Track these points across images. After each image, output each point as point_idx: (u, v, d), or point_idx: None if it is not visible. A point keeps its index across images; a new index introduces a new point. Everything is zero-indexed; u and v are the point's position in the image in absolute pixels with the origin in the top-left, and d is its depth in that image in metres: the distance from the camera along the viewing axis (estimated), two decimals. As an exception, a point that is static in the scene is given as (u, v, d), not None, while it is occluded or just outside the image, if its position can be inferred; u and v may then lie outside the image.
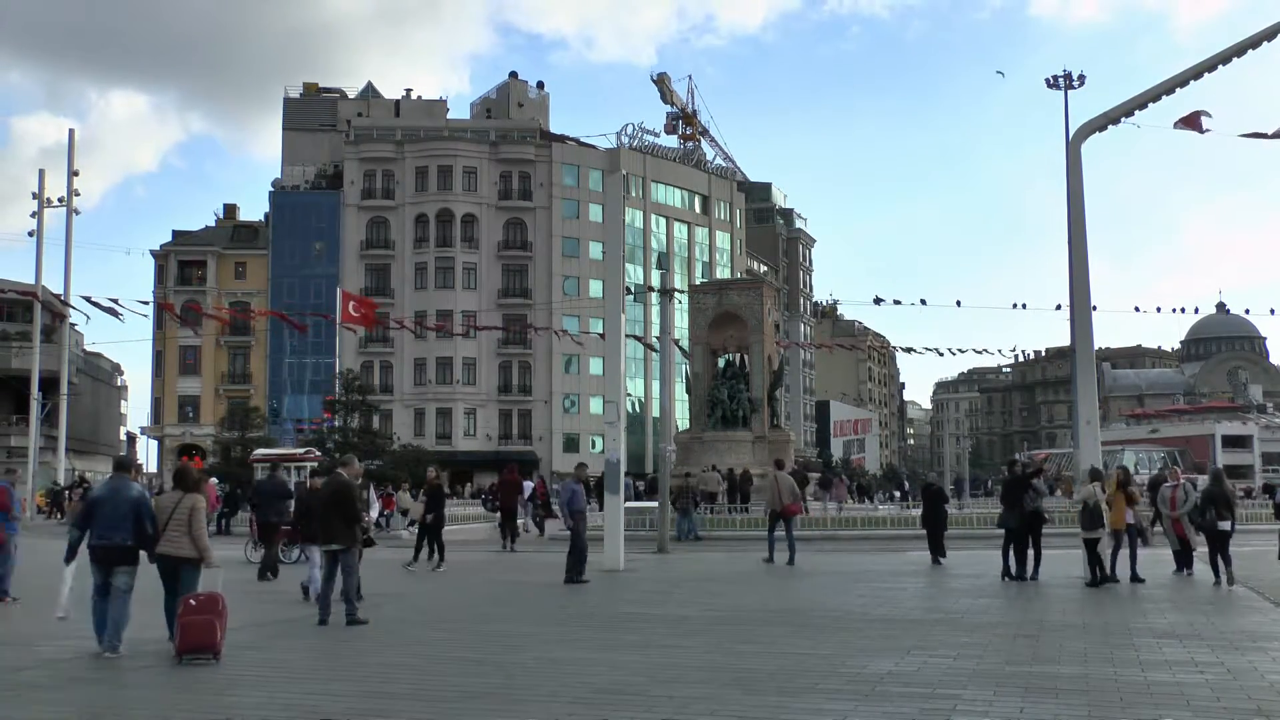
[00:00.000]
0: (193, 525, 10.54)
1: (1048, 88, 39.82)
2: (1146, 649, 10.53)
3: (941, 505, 22.35)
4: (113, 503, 10.55)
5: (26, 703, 8.37)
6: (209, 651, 9.89)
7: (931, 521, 21.46)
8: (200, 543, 10.53)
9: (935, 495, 22.53)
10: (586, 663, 10.04)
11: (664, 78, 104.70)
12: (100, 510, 10.58)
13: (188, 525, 10.52)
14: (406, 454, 64.92)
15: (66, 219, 51.91)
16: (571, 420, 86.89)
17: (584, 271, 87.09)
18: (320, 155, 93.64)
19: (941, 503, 22.54)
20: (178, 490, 10.96)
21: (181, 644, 9.90)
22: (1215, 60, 18.45)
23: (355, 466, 14.54)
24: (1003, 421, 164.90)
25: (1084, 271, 19.35)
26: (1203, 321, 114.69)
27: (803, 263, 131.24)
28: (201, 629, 9.86)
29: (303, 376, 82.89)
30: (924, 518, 22.12)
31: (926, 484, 26.63)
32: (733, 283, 55.05)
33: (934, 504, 21.93)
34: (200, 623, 9.86)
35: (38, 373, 52.47)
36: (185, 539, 10.51)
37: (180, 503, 10.62)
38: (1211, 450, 68.80)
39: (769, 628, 12.18)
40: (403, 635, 12.10)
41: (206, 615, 9.91)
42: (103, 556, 10.51)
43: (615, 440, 21.54)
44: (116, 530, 10.42)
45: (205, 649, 9.87)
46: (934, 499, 22.21)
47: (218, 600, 10.13)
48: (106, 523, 10.47)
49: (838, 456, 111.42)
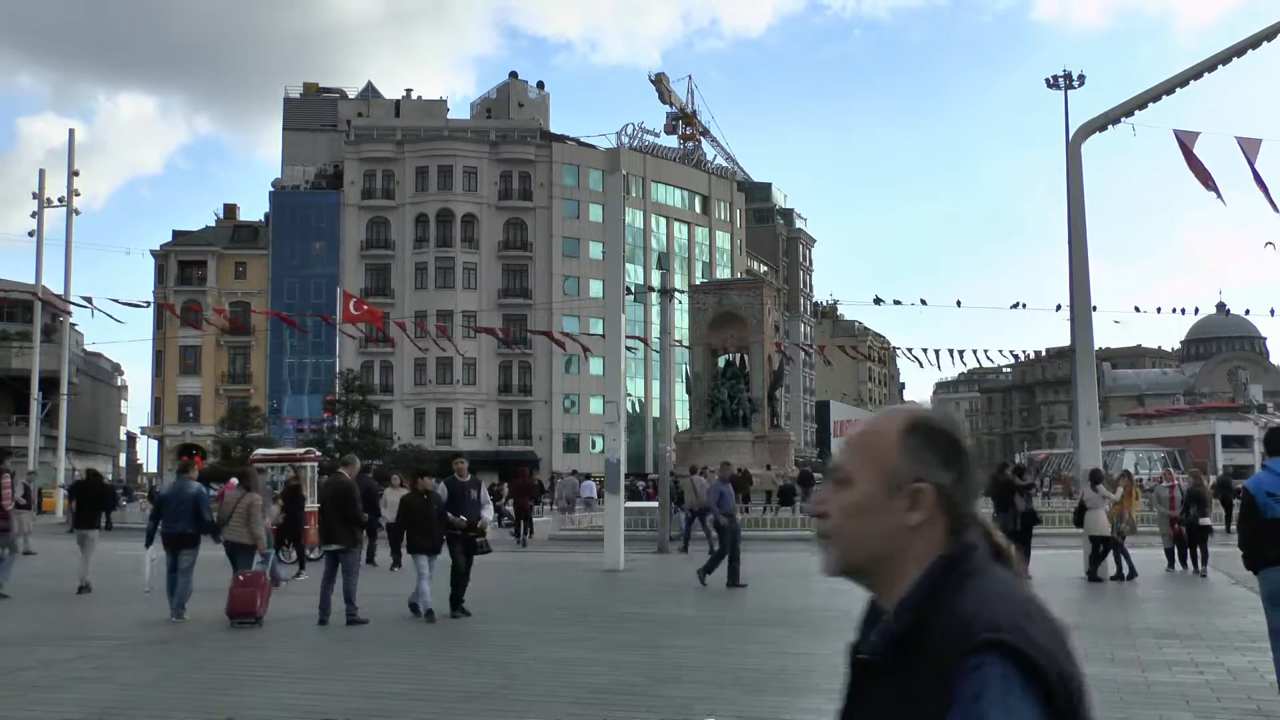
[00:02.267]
0: (250, 518, 13.17)
1: (1048, 88, 39.82)
2: (1146, 649, 10.54)
3: None
4: (177, 498, 13.32)
5: (26, 703, 8.37)
6: (251, 617, 12.42)
7: None
8: (255, 532, 13.25)
9: None
10: (586, 663, 10.04)
11: (662, 78, 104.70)
12: (167, 505, 13.58)
13: (246, 518, 13.12)
14: (406, 454, 64.90)
15: (66, 219, 51.96)
16: (571, 420, 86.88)
17: (584, 271, 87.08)
18: (320, 155, 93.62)
19: None
20: (241, 489, 13.59)
21: (230, 609, 12.42)
22: (1215, 60, 18.43)
23: (356, 466, 14.55)
24: (1003, 422, 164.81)
25: (1084, 272, 19.34)
26: (1203, 322, 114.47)
27: (803, 263, 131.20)
28: (247, 599, 12.45)
29: (303, 376, 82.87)
30: None
31: None
32: (733, 283, 55.07)
33: None
34: (246, 594, 12.47)
35: (38, 373, 52.44)
36: (244, 529, 13.20)
37: (241, 500, 13.25)
38: (1211, 450, 68.71)
39: (769, 628, 12.18)
40: (403, 635, 12.10)
41: (251, 589, 12.52)
42: (170, 542, 13.30)
43: (615, 440, 21.55)
44: (179, 520, 13.21)
45: (249, 615, 12.42)
46: None
47: (261, 577, 12.85)
48: (172, 515, 13.29)
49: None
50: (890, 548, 1.67)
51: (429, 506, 13.36)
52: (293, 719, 7.79)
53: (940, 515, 1.67)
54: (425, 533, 13.21)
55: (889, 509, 1.67)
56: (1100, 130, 19.04)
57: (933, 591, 1.62)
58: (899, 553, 1.67)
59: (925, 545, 1.66)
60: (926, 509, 1.66)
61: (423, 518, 13.22)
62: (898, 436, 1.70)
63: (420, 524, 13.21)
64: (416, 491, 13.74)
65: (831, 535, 1.71)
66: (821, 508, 1.74)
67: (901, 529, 1.67)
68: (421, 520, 13.22)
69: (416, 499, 13.57)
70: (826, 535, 1.72)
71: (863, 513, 1.69)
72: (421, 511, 13.30)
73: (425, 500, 13.44)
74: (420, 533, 13.22)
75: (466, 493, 13.96)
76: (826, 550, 1.73)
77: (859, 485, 1.70)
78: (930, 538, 1.67)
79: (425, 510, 13.29)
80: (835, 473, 1.74)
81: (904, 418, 1.74)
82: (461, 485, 13.98)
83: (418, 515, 13.28)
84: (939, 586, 1.62)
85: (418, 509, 13.38)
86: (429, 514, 13.27)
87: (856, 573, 1.72)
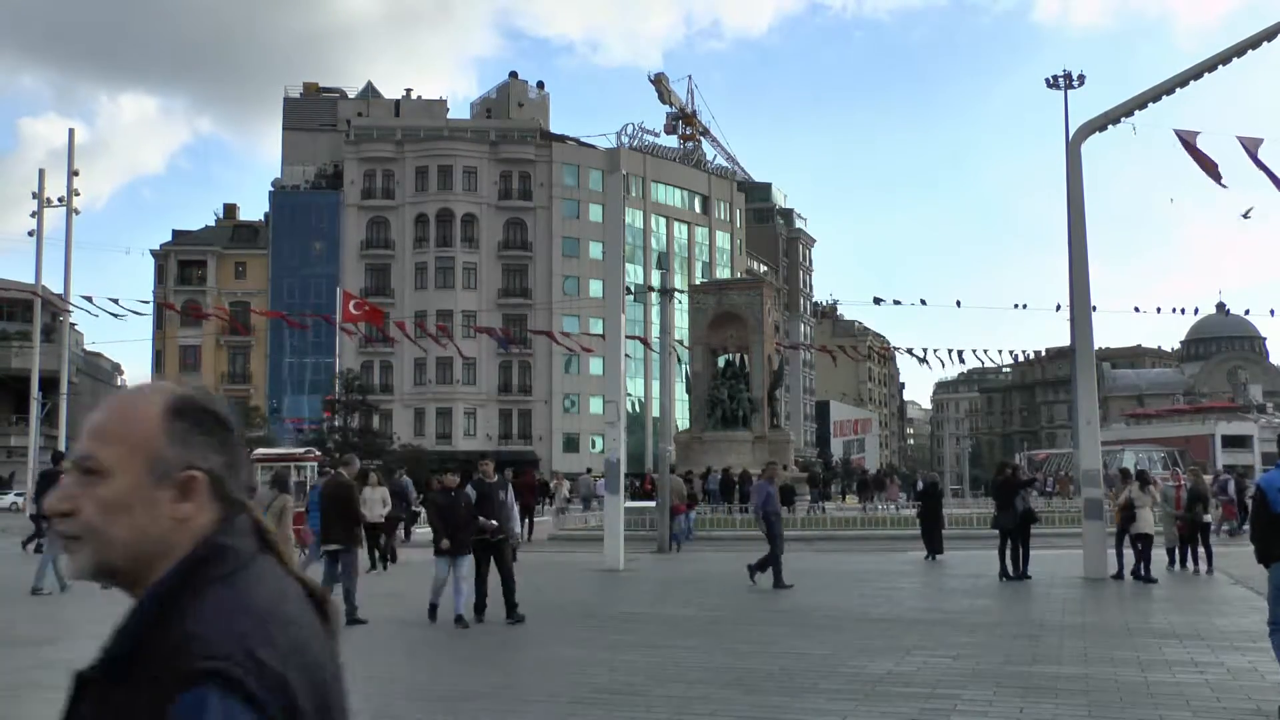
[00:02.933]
0: (282, 519, 12.93)
1: (1048, 88, 39.91)
2: (1146, 649, 10.54)
3: (938, 503, 22.86)
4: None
5: (27, 703, 8.37)
6: None
7: (929, 519, 22.00)
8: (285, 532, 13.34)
9: (930, 493, 23.06)
10: (586, 663, 10.04)
11: (662, 78, 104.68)
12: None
13: (278, 518, 12.77)
14: (406, 454, 64.91)
15: (66, 219, 51.85)
16: (571, 420, 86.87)
17: (584, 271, 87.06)
18: (320, 155, 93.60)
19: (938, 501, 23.06)
20: (274, 490, 13.35)
21: None
22: (1215, 60, 18.42)
23: (355, 466, 14.49)
24: (1003, 421, 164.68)
25: (1084, 272, 19.34)
26: (1203, 322, 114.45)
27: (803, 263, 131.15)
28: None
29: (303, 376, 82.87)
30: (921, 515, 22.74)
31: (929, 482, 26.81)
32: (733, 283, 55.06)
33: (931, 502, 22.48)
34: None
35: (38, 373, 52.39)
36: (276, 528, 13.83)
37: (274, 501, 13.11)
38: (1211, 450, 68.70)
39: (769, 628, 12.18)
40: (403, 635, 12.10)
41: None
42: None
43: (615, 440, 21.55)
44: None
45: None
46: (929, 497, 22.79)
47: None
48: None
49: (838, 457, 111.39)
50: (155, 545, 1.49)
51: (458, 504, 12.67)
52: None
53: (211, 505, 1.52)
54: (457, 533, 12.51)
55: (155, 502, 1.50)
56: (1100, 130, 19.04)
57: (166, 602, 1.44)
58: (164, 550, 1.49)
59: (193, 540, 1.50)
60: (199, 499, 1.51)
61: (455, 517, 12.53)
62: (161, 419, 1.52)
63: (453, 524, 12.50)
64: (444, 489, 12.92)
65: (83, 535, 1.50)
66: (67, 504, 1.51)
67: (169, 523, 1.50)
68: (453, 520, 12.52)
69: (445, 497, 12.78)
70: (76, 536, 1.50)
71: (124, 508, 1.49)
72: (451, 510, 12.59)
73: (454, 498, 12.72)
74: (453, 533, 12.51)
75: (495, 494, 13.04)
76: (75, 552, 1.51)
77: (118, 477, 1.49)
78: (197, 532, 1.51)
79: (456, 509, 12.61)
80: (85, 462, 1.51)
81: (165, 397, 1.55)
82: (489, 487, 13.11)
83: (449, 514, 12.56)
84: (175, 595, 1.45)
85: (448, 508, 12.63)
86: (459, 512, 12.59)
87: (112, 575, 1.52)
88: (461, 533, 12.46)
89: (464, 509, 12.58)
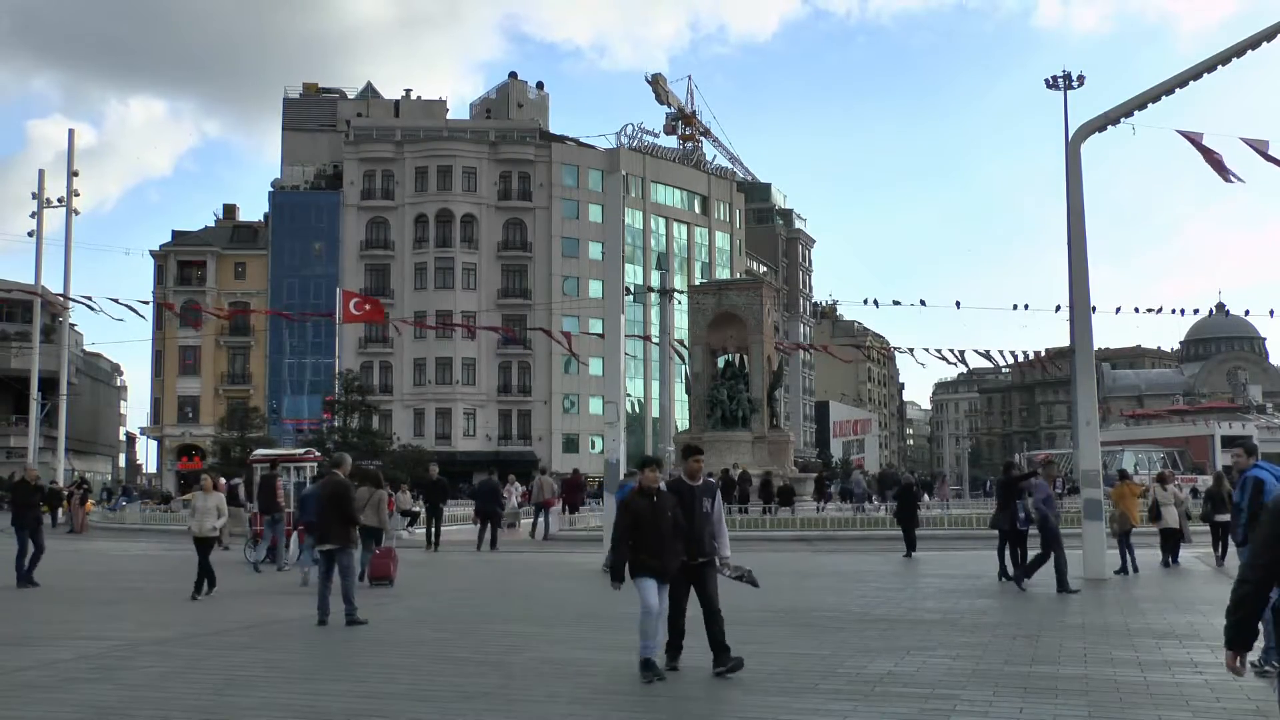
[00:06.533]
0: (379, 510, 16.95)
1: (1047, 88, 39.87)
2: (1146, 649, 10.53)
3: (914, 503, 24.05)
4: (317, 495, 14.33)
5: (27, 703, 8.37)
6: (387, 579, 17.06)
7: (905, 518, 22.97)
8: (381, 519, 17.09)
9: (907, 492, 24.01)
10: (586, 663, 10.03)
11: (659, 78, 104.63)
12: (308, 501, 16.43)
13: (376, 509, 16.81)
14: (406, 454, 64.88)
15: (66, 219, 51.74)
16: (571, 420, 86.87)
17: (584, 271, 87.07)
18: (320, 155, 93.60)
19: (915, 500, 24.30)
20: (368, 487, 16.87)
21: (371, 574, 16.78)
22: (1215, 60, 18.41)
23: (348, 465, 14.30)
24: (1002, 422, 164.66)
25: (1083, 272, 19.33)
26: (1202, 322, 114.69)
27: (802, 263, 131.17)
28: (383, 566, 17.29)
29: (302, 376, 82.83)
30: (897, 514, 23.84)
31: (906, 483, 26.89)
32: (732, 283, 55.02)
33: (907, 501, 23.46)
34: (381, 563, 17.29)
35: (37, 373, 52.33)
36: (374, 516, 16.73)
37: (373, 495, 16.80)
38: (1211, 451, 68.63)
39: (769, 628, 12.17)
40: (403, 635, 12.09)
41: (385, 560, 17.33)
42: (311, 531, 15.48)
43: (615, 440, 21.55)
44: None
45: (385, 578, 17.12)
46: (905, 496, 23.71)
47: (391, 551, 17.65)
48: (311, 509, 15.17)
49: (837, 457, 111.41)
50: None
51: (661, 514, 9.07)
52: (292, 719, 7.78)
53: None
54: (658, 549, 9.01)
55: None
56: (1100, 130, 19.02)
57: None
58: None
59: None
60: None
61: (656, 529, 9.03)
62: None
63: (649, 537, 9.01)
64: (643, 492, 9.19)
65: None
66: None
67: None
68: (652, 532, 9.01)
69: (645, 502, 9.12)
70: None
71: None
72: (651, 521, 9.04)
73: (656, 504, 9.10)
74: (649, 549, 9.00)
75: (699, 502, 9.36)
76: None
77: None
78: None
79: (657, 519, 9.04)
80: None
81: None
82: (690, 489, 9.43)
83: (646, 525, 9.03)
84: None
85: (647, 517, 9.05)
86: (662, 524, 9.04)
87: None
88: (669, 554, 9.07)
89: (671, 520, 9.10)
